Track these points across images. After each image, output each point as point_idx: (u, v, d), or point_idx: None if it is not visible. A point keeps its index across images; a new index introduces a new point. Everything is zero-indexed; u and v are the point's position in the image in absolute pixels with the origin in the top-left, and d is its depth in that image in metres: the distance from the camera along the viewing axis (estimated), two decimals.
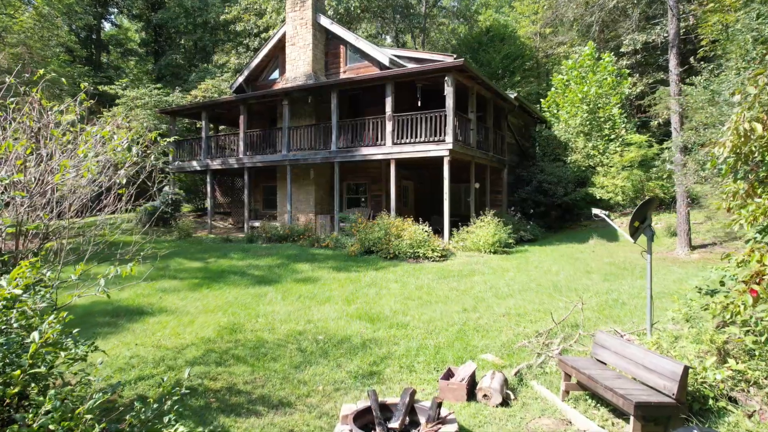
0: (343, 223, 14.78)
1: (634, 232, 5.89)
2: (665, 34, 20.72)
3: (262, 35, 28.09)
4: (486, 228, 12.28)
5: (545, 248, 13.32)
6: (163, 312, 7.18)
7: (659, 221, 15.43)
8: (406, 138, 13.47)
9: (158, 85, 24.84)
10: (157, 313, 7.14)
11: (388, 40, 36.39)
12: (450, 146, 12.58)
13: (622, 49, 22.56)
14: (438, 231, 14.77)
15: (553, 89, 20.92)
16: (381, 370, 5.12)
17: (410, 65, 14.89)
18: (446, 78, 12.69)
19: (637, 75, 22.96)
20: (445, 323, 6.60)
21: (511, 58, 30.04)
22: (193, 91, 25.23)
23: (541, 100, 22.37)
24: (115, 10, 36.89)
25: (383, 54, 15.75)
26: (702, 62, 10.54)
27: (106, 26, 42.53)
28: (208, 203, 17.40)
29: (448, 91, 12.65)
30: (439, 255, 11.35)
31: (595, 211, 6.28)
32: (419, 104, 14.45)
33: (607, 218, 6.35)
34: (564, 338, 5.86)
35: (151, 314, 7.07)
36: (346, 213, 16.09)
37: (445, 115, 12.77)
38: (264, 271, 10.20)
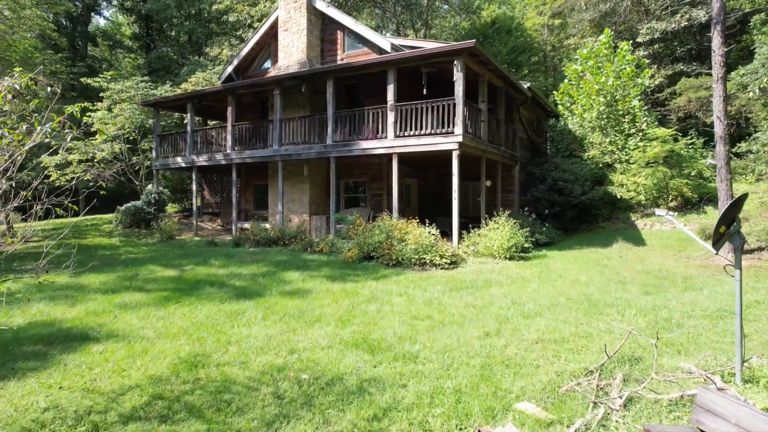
0: (340, 225, 13.40)
1: (719, 239, 4.51)
2: (686, 21, 19.38)
3: (256, 25, 26.73)
4: (500, 231, 10.90)
5: (565, 253, 11.93)
6: (112, 337, 5.78)
7: (688, 223, 14.04)
8: (410, 130, 12.10)
9: (145, 78, 23.45)
10: (105, 338, 5.74)
11: (389, 35, 34.98)
12: (460, 139, 11.20)
13: (638, 39, 21.22)
14: (445, 233, 13.41)
15: (566, 81, 19.52)
16: (384, 429, 3.74)
17: None
18: (455, 62, 11.31)
19: (655, 67, 21.59)
20: (464, 354, 5.22)
21: (518, 51, 28.66)
22: (183, 85, 23.89)
23: (554, 92, 20.98)
24: (104, 2, 35.47)
25: (384, 39, 14.38)
26: None
27: (101, 22, 41.20)
28: (193, 203, 16.01)
29: (458, 77, 11.27)
30: (449, 262, 9.97)
31: (659, 212, 4.91)
32: (425, 92, 13.06)
33: (673, 220, 4.97)
34: (624, 380, 4.47)
35: (97, 340, 5.67)
36: (344, 213, 14.72)
37: (454, 104, 11.40)
38: (246, 281, 8.81)
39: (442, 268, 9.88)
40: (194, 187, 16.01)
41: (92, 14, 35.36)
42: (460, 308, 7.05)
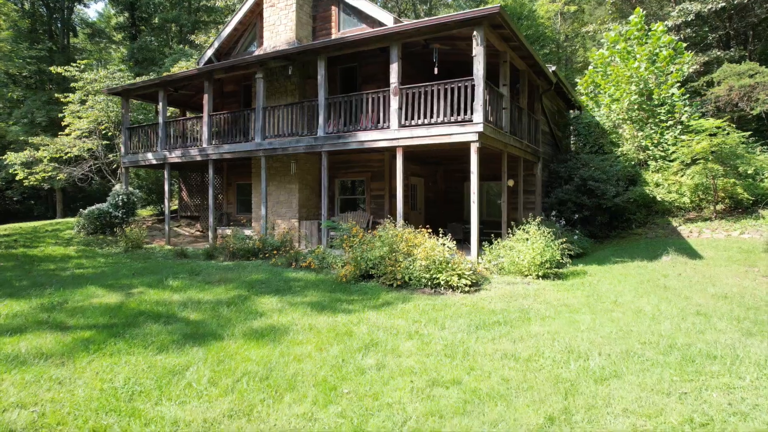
0: (333, 233, 11.27)
1: None
2: (723, 2, 17.26)
3: None
4: (531, 242, 8.76)
5: (607, 269, 9.80)
6: None
7: (746, 230, 11.91)
8: (418, 118, 9.98)
9: (122, 67, 21.34)
10: None
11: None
12: (480, 128, 9.08)
13: (668, 23, 19.10)
14: (458, 241, 11.28)
15: (591, 68, 17.37)
16: None
17: None
18: (475, 33, 9.17)
19: (687, 52, 19.47)
20: None
21: (530, 40, 26.49)
22: (164, 75, 21.78)
23: (577, 80, 18.83)
24: None
25: (386, 14, 12.26)
26: None
27: (93, 16, 39.09)
28: (165, 205, 13.88)
29: (478, 52, 9.13)
30: (469, 283, 7.83)
31: None
32: (435, 72, 10.95)
33: None
34: None
35: None
36: (339, 219, 12.61)
37: (473, 86, 9.27)
38: (205, 312, 6.67)
39: (461, 292, 7.75)
40: (166, 187, 13.87)
41: (75, 4, 33.21)
42: (497, 362, 4.92)
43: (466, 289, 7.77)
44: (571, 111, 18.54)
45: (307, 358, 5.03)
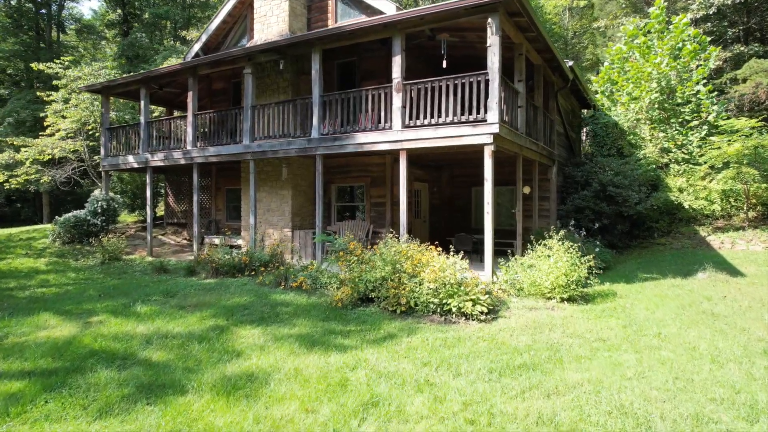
0: (330, 245, 10.14)
1: None
2: None
3: None
4: (555, 259, 7.63)
5: (637, 288, 8.67)
6: None
7: None
8: (424, 117, 8.87)
9: (107, 64, 20.23)
10: None
11: None
12: (495, 129, 7.97)
13: (687, 15, 17.92)
14: (468, 254, 10.15)
15: (607, 64, 16.22)
16: None
17: None
18: (489, 21, 8.05)
19: (712, 47, 18.34)
20: None
21: None
22: (147, 70, 20.68)
23: (591, 77, 17.69)
24: None
25: (389, 2, 11.13)
26: None
27: (87, 14, 38.00)
28: (147, 213, 12.76)
29: (493, 42, 8.01)
30: (485, 310, 6.70)
31: None
32: (444, 66, 9.83)
33: None
34: None
35: None
36: (336, 228, 11.50)
37: (487, 81, 8.15)
38: (171, 351, 5.54)
39: (476, 320, 6.62)
40: (149, 192, 12.74)
41: (66, 1, 32.10)
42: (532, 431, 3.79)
43: (482, 317, 6.64)
44: (584, 111, 17.43)
45: (289, 426, 3.91)
